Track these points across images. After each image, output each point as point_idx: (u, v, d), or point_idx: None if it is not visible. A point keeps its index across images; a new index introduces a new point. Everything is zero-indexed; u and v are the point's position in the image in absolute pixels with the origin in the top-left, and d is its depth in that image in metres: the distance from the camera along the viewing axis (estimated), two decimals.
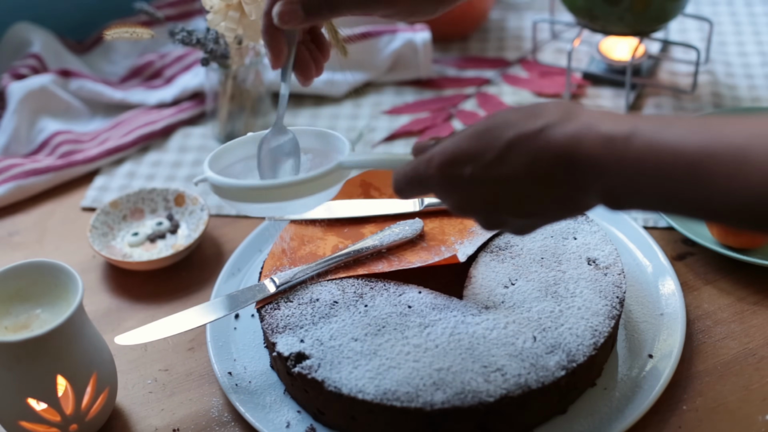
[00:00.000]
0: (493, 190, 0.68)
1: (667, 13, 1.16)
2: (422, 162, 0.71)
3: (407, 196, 0.74)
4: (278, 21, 0.77)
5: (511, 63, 1.32)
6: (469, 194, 0.69)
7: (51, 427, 0.82)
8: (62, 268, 0.84)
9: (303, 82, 0.84)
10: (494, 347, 0.82)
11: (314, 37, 0.84)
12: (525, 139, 0.66)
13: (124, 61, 1.35)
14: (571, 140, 0.64)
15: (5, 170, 1.16)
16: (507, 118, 0.67)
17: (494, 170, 0.67)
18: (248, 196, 0.78)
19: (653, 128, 0.62)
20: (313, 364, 0.82)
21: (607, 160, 0.63)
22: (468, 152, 0.68)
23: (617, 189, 0.64)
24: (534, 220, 0.70)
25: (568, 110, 0.66)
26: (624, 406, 0.84)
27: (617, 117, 0.64)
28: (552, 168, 0.65)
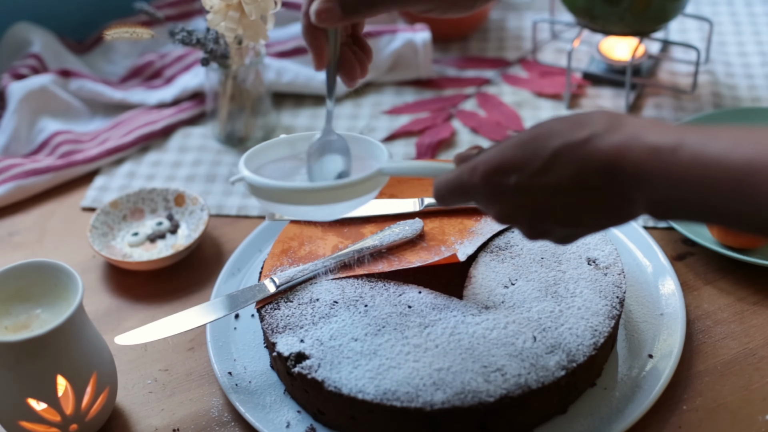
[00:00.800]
0: (539, 200, 0.68)
1: (667, 13, 1.16)
2: (466, 170, 0.71)
3: (448, 204, 0.74)
4: (316, 19, 0.77)
5: (511, 63, 1.32)
6: (514, 203, 0.69)
7: (51, 427, 0.82)
8: (62, 268, 0.84)
9: (348, 83, 0.83)
10: (494, 347, 0.82)
11: (356, 39, 0.83)
12: (571, 149, 0.66)
13: (124, 61, 1.35)
14: (617, 150, 0.64)
15: (5, 170, 1.16)
16: (552, 128, 0.67)
17: (540, 179, 0.67)
18: (287, 197, 0.78)
19: (700, 140, 0.62)
20: (313, 364, 0.82)
21: (654, 171, 0.63)
22: (513, 161, 0.68)
23: (663, 200, 0.64)
24: (578, 229, 0.70)
25: (613, 120, 0.66)
26: (624, 406, 0.84)
27: (664, 127, 0.65)
28: (598, 178, 0.65)
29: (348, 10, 0.77)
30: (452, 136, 1.20)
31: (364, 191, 0.78)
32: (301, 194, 0.77)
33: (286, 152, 0.85)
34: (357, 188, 0.77)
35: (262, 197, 0.79)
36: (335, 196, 0.77)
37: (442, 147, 1.18)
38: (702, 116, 1.14)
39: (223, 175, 1.17)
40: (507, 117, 1.22)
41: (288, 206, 0.78)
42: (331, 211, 0.80)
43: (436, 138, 1.19)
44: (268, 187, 0.78)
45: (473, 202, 0.72)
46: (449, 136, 1.19)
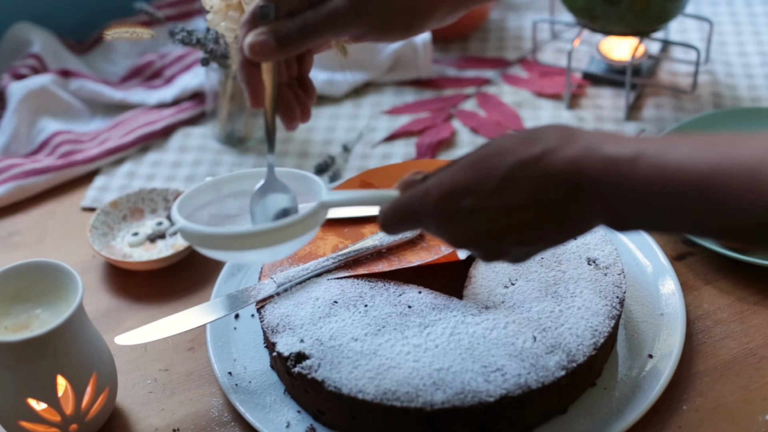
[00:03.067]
0: (495, 221, 0.66)
1: (667, 13, 1.16)
2: (415, 196, 0.69)
3: (395, 231, 0.72)
4: (250, 53, 0.75)
5: (511, 63, 1.32)
6: (468, 227, 0.68)
7: (51, 427, 0.82)
8: (62, 268, 0.84)
9: (287, 126, 0.80)
10: (494, 347, 0.82)
11: (301, 79, 0.81)
12: (525, 166, 0.65)
13: (124, 61, 1.35)
14: (573, 164, 0.63)
15: (5, 170, 1.16)
16: (503, 146, 0.66)
17: (495, 200, 0.66)
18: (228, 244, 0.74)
19: (659, 149, 0.62)
20: (313, 364, 0.82)
21: (612, 182, 0.62)
22: (466, 184, 0.66)
23: (623, 211, 0.63)
24: (536, 246, 0.69)
25: (566, 134, 0.65)
26: (624, 406, 0.84)
27: (619, 139, 0.64)
28: (555, 193, 0.64)
29: (282, 41, 0.75)
30: (452, 136, 1.20)
31: (307, 228, 0.75)
32: (245, 239, 0.73)
33: (212, 197, 0.81)
34: (300, 226, 0.74)
35: (200, 246, 0.75)
36: (280, 237, 0.73)
37: (442, 147, 1.18)
38: (702, 116, 1.14)
39: None
40: (507, 117, 1.22)
41: (230, 252, 0.75)
42: (275, 252, 0.75)
43: (436, 138, 1.19)
44: (207, 234, 0.74)
45: (423, 228, 0.71)
46: (449, 136, 1.19)
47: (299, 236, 0.74)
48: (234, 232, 0.74)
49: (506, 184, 0.65)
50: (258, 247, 0.73)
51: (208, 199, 0.81)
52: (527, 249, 0.69)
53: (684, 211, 0.61)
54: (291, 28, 0.75)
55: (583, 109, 1.23)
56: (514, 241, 0.68)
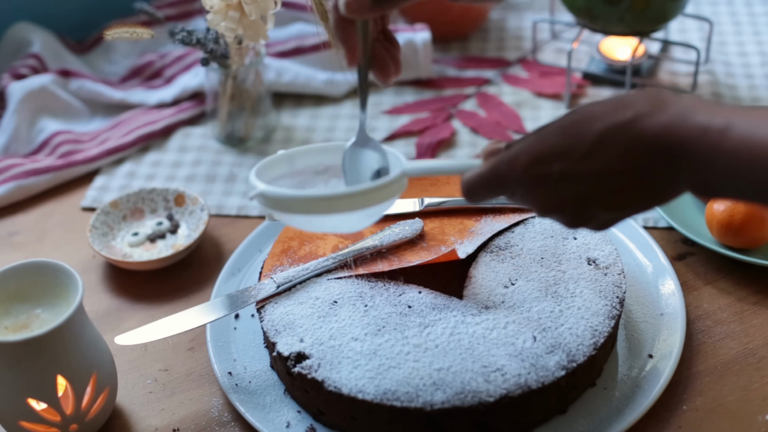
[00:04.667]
0: (585, 185, 0.66)
1: (667, 13, 1.16)
2: (503, 163, 0.69)
3: (480, 199, 0.72)
4: (345, 10, 0.74)
5: (511, 63, 1.32)
6: (558, 192, 0.68)
7: (51, 427, 0.82)
8: (62, 268, 0.84)
9: (383, 81, 0.80)
10: (494, 347, 0.82)
11: (385, 33, 0.81)
12: (616, 131, 0.65)
13: (124, 61, 1.35)
14: (664, 130, 0.63)
15: (5, 170, 1.16)
16: (594, 111, 0.66)
17: (586, 165, 0.66)
18: (311, 207, 0.74)
19: (749, 122, 0.62)
20: (313, 364, 0.82)
21: (702, 151, 0.63)
22: (556, 149, 0.66)
23: (711, 179, 0.64)
24: (623, 211, 0.69)
25: (657, 99, 0.65)
26: (624, 406, 0.84)
27: (712, 107, 0.64)
28: (646, 159, 0.64)
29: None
30: (452, 136, 1.20)
31: (390, 194, 0.75)
32: (327, 202, 0.73)
33: (286, 169, 0.81)
34: (383, 191, 0.74)
35: (284, 210, 0.75)
36: (364, 201, 0.73)
37: (442, 147, 1.18)
38: None
39: (223, 175, 1.17)
40: (507, 117, 1.22)
41: (308, 217, 0.75)
42: (356, 219, 0.76)
43: (436, 138, 1.19)
44: (292, 197, 0.74)
45: (509, 195, 0.71)
46: (449, 136, 1.19)
47: (381, 202, 0.74)
48: (313, 195, 0.74)
49: (597, 149, 0.65)
50: (336, 211, 0.73)
51: (281, 171, 0.81)
52: (614, 215, 0.69)
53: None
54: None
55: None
56: (602, 207, 0.68)
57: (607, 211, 0.68)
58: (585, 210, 0.68)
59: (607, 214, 0.69)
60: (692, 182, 0.65)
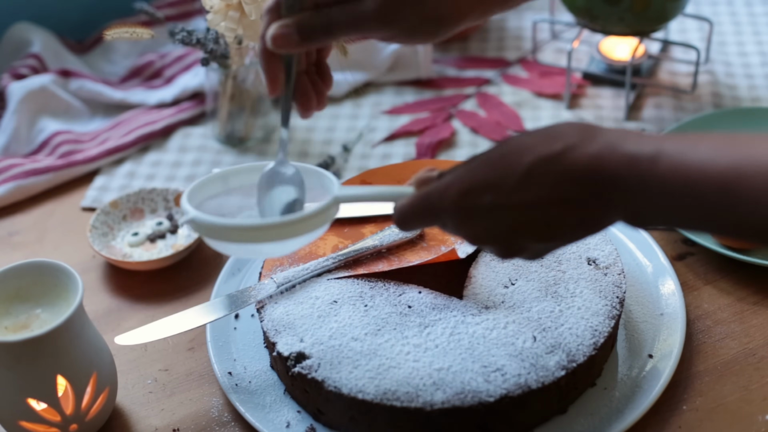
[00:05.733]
0: (516, 217, 0.67)
1: (667, 13, 1.16)
2: (434, 193, 0.69)
3: (412, 228, 0.72)
4: (272, 45, 0.74)
5: (511, 63, 1.32)
6: (488, 224, 0.68)
7: (51, 427, 0.82)
8: (62, 268, 0.84)
9: (302, 114, 0.80)
10: (494, 347, 0.82)
11: (319, 66, 0.80)
12: (546, 163, 0.65)
13: (124, 61, 1.35)
14: (593, 161, 0.64)
15: (5, 170, 1.16)
16: (523, 143, 0.67)
17: (516, 196, 0.66)
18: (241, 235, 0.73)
19: (679, 149, 0.62)
20: (313, 364, 0.82)
21: (632, 180, 0.63)
22: (486, 181, 0.67)
23: (643, 209, 0.64)
24: (555, 242, 0.69)
25: (586, 131, 0.66)
26: (624, 406, 0.84)
27: (640, 136, 0.64)
28: (576, 190, 0.64)
29: (305, 35, 0.74)
30: (452, 136, 1.20)
31: (320, 223, 0.74)
32: (257, 231, 0.72)
33: (220, 188, 0.80)
34: (313, 220, 0.73)
35: (209, 237, 0.74)
36: (292, 231, 0.72)
37: (442, 147, 1.18)
38: (702, 116, 1.14)
39: None
40: (507, 117, 1.22)
41: (240, 245, 0.73)
42: (285, 246, 0.74)
43: (436, 138, 1.19)
44: (222, 226, 0.73)
45: (441, 225, 0.71)
46: (449, 136, 1.19)
47: (311, 231, 0.74)
48: (245, 224, 0.73)
49: (527, 181, 0.65)
50: (268, 240, 0.72)
51: (216, 191, 0.80)
52: (546, 245, 0.69)
53: (703, 211, 0.62)
54: (316, 24, 0.74)
55: (583, 109, 1.23)
56: (534, 238, 0.68)
57: (539, 242, 0.69)
58: (517, 241, 0.69)
59: (539, 244, 0.69)
60: (624, 212, 0.65)
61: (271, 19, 0.75)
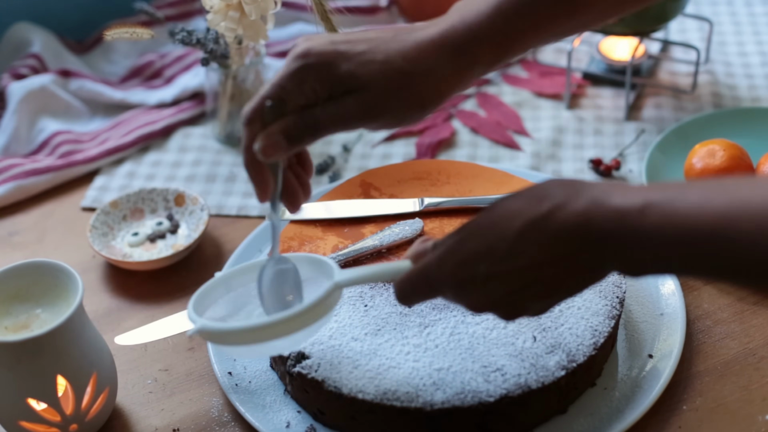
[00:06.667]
0: (513, 282, 0.67)
1: (667, 13, 1.16)
2: (431, 266, 0.70)
3: (413, 303, 0.73)
4: (262, 156, 0.74)
5: (511, 63, 1.32)
6: (487, 292, 0.68)
7: (51, 427, 0.82)
8: (62, 268, 0.84)
9: (292, 210, 0.80)
10: (494, 347, 0.82)
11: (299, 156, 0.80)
12: (535, 226, 0.65)
13: (124, 61, 1.35)
14: (582, 218, 0.64)
15: (5, 170, 1.16)
16: (510, 208, 0.67)
17: (510, 263, 0.66)
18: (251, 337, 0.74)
19: (667, 198, 0.62)
20: (313, 364, 0.82)
21: (623, 233, 0.63)
22: (479, 251, 0.67)
23: (636, 260, 0.64)
24: (556, 298, 0.69)
25: (571, 188, 0.66)
26: (624, 406, 0.84)
27: (626, 189, 0.64)
28: (568, 249, 0.65)
29: (293, 141, 0.74)
30: (452, 136, 1.20)
31: (324, 311, 0.75)
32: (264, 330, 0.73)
33: (223, 292, 0.82)
34: (316, 310, 0.74)
35: (224, 342, 0.75)
36: (298, 324, 0.73)
37: (442, 147, 1.18)
38: (702, 116, 1.14)
39: (223, 175, 1.17)
40: (507, 117, 1.22)
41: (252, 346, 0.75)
42: (295, 339, 0.75)
43: (436, 138, 1.19)
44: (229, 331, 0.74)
45: (442, 296, 0.71)
46: (449, 136, 1.19)
47: (317, 320, 0.74)
48: (252, 325, 0.74)
49: (519, 246, 0.66)
50: (278, 336, 0.73)
51: (219, 294, 0.81)
52: (547, 302, 0.70)
53: (696, 259, 0.62)
54: (302, 128, 0.74)
55: (583, 109, 1.23)
56: (533, 299, 0.68)
57: (539, 301, 0.69)
58: (517, 303, 0.69)
59: (540, 303, 0.69)
60: (619, 264, 0.65)
61: (252, 130, 0.74)
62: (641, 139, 1.16)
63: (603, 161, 1.13)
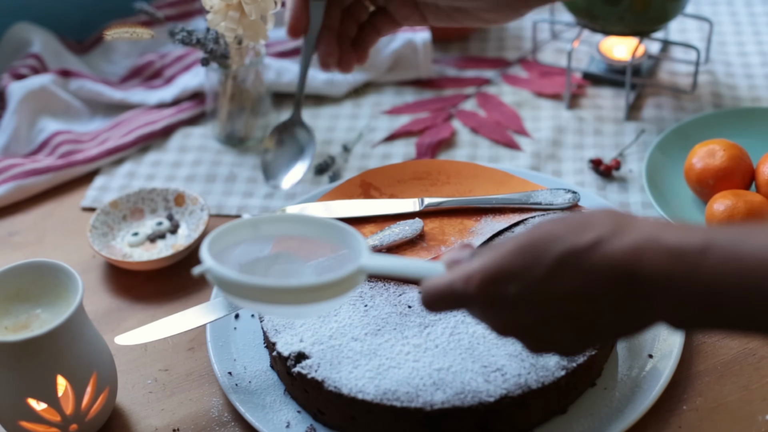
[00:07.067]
0: (543, 310, 0.63)
1: (667, 13, 1.16)
2: (459, 280, 0.65)
3: (437, 311, 0.69)
4: None
5: (511, 63, 1.32)
6: (514, 314, 0.64)
7: (51, 427, 0.82)
8: (62, 268, 0.84)
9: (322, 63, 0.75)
10: (494, 347, 0.82)
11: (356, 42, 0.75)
12: (577, 255, 0.60)
13: (124, 61, 1.35)
14: (630, 254, 0.59)
15: (5, 170, 1.16)
16: (552, 231, 0.62)
17: (544, 288, 0.62)
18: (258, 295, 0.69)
19: (731, 238, 0.57)
20: (313, 364, 0.82)
21: (677, 275, 0.57)
22: (512, 270, 0.62)
23: (690, 308, 0.58)
24: (587, 340, 0.65)
25: (621, 220, 0.61)
26: (624, 406, 0.84)
27: (683, 228, 0.59)
28: (611, 285, 0.60)
29: None
30: (452, 136, 1.20)
31: (343, 291, 0.70)
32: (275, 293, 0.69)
33: (249, 235, 0.76)
34: (336, 288, 0.69)
35: (228, 292, 0.71)
36: (313, 296, 0.69)
37: (442, 147, 1.18)
38: (702, 116, 1.14)
39: (223, 175, 1.17)
40: (507, 117, 1.22)
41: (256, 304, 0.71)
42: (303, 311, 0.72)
43: (436, 138, 1.19)
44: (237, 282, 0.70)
45: (468, 312, 0.67)
46: (449, 136, 1.19)
47: (332, 298, 0.70)
48: (258, 284, 0.69)
49: (556, 273, 0.61)
50: (284, 303, 0.70)
51: (242, 237, 0.76)
52: (578, 342, 0.65)
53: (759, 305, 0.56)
54: None
55: (583, 109, 1.23)
56: (564, 333, 0.64)
57: (569, 338, 0.64)
58: (546, 335, 0.64)
59: (570, 341, 0.64)
60: (666, 312, 0.60)
61: None
62: (641, 139, 1.17)
63: (603, 161, 1.13)
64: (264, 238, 0.76)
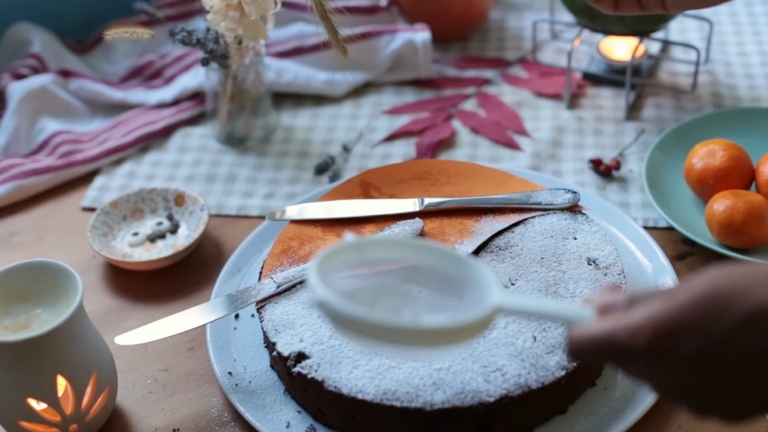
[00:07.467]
0: (721, 370, 0.57)
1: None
2: (622, 331, 0.58)
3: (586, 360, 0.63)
4: None
5: (511, 63, 1.32)
6: (688, 374, 0.57)
7: (51, 427, 0.82)
8: (62, 268, 0.84)
9: None
10: (494, 347, 0.82)
11: None
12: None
13: (124, 61, 1.35)
14: None
15: (5, 170, 1.16)
16: (738, 284, 0.56)
17: (727, 346, 0.56)
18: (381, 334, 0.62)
19: None
20: (313, 364, 0.82)
21: None
22: (689, 324, 0.56)
23: None
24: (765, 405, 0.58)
25: None
26: (624, 406, 0.84)
27: None
28: None
29: None
30: (452, 136, 1.20)
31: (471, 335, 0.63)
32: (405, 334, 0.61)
33: (353, 259, 0.67)
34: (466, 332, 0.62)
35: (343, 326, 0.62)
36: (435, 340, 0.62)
37: (442, 147, 1.18)
38: (702, 116, 1.14)
39: (223, 175, 1.17)
40: (507, 117, 1.22)
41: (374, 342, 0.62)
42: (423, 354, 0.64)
43: (436, 138, 1.19)
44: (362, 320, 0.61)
45: (623, 366, 0.60)
46: (449, 136, 1.19)
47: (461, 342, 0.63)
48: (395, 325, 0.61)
49: (743, 331, 0.55)
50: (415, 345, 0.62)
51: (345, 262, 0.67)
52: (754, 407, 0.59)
53: None
54: None
55: (583, 109, 1.23)
56: (742, 396, 0.57)
57: (743, 402, 0.58)
58: (720, 397, 0.58)
59: (743, 405, 0.58)
60: None
61: None
62: (641, 139, 1.17)
63: (603, 161, 1.13)
64: (368, 263, 0.69)
